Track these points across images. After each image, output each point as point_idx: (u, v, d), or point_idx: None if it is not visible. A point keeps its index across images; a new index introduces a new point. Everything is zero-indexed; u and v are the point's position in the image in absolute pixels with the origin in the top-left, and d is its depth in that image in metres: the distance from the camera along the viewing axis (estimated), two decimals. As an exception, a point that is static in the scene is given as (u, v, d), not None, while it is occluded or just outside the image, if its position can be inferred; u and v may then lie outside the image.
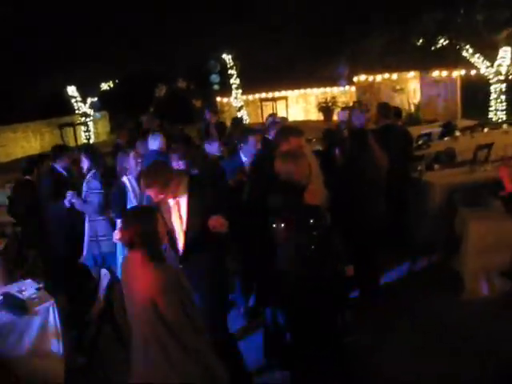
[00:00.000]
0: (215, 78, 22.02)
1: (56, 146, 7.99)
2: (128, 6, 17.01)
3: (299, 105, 23.39)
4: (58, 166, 7.45)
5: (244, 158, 6.49)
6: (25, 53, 17.35)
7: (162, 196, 4.40)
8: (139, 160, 6.40)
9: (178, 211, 4.56)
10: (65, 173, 7.46)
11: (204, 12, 17.24)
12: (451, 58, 17.52)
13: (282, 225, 4.34)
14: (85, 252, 6.80)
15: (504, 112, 17.40)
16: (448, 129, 12.19)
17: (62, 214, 7.03)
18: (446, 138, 11.60)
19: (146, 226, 3.64)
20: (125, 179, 6.29)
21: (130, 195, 6.18)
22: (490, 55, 17.02)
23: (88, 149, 7.53)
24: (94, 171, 6.94)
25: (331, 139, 7.44)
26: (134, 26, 17.41)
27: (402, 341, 5.63)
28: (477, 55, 17.13)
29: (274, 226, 4.43)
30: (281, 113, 22.58)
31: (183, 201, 4.54)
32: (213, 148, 7.67)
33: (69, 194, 6.75)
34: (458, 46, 17.17)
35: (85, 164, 7.11)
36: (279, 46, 19.65)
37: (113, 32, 17.36)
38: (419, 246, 7.77)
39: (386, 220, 6.86)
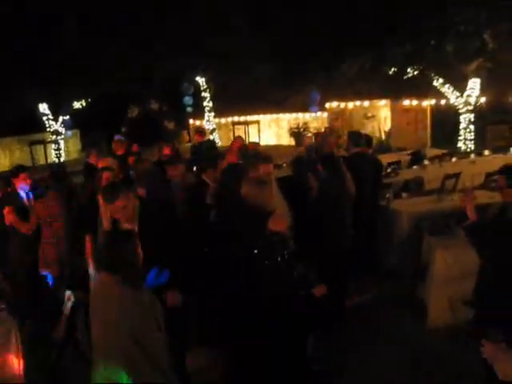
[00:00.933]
0: (188, 100, 22.09)
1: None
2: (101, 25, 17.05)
3: (271, 129, 23.52)
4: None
5: None
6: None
7: None
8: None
9: None
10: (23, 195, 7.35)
11: (179, 33, 17.32)
12: (422, 88, 17.84)
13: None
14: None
15: (472, 141, 17.72)
16: (417, 157, 12.39)
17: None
18: (414, 167, 11.75)
19: (124, 251, 3.62)
20: None
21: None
22: (460, 86, 17.36)
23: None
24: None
25: (300, 165, 7.49)
26: (108, 48, 17.43)
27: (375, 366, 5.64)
28: (447, 85, 17.46)
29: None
30: (253, 137, 22.74)
31: None
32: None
33: None
34: (428, 76, 17.48)
35: None
36: (252, 71, 19.80)
37: (87, 50, 17.34)
38: (387, 273, 7.85)
39: (354, 244, 6.98)
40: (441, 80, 17.44)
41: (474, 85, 17.32)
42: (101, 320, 3.58)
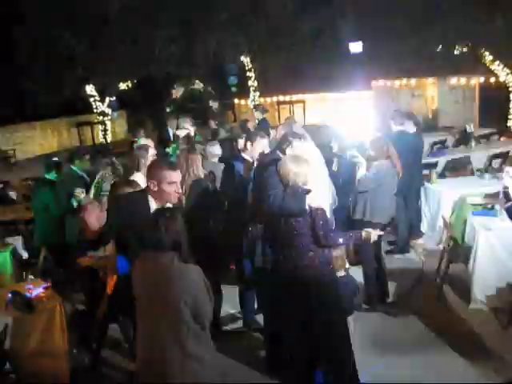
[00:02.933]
0: (233, 80, 22.00)
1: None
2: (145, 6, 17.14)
3: (317, 109, 23.31)
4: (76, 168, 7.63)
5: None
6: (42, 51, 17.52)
7: None
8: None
9: None
10: (84, 175, 7.59)
11: (223, 12, 17.27)
12: (470, 65, 17.37)
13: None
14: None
15: (523, 120, 17.23)
16: (464, 136, 12.14)
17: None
18: (461, 146, 11.55)
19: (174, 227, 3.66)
20: None
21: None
22: (511, 62, 16.83)
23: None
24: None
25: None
26: (153, 29, 17.52)
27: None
28: (496, 62, 16.96)
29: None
30: (298, 116, 22.58)
31: None
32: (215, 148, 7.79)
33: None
34: (477, 53, 17.01)
35: None
36: (294, 50, 19.64)
37: (132, 34, 17.48)
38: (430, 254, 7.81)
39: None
40: (490, 57, 16.95)
41: (526, 61, 16.79)
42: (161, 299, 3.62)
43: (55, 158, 9.35)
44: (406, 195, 7.77)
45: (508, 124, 17.31)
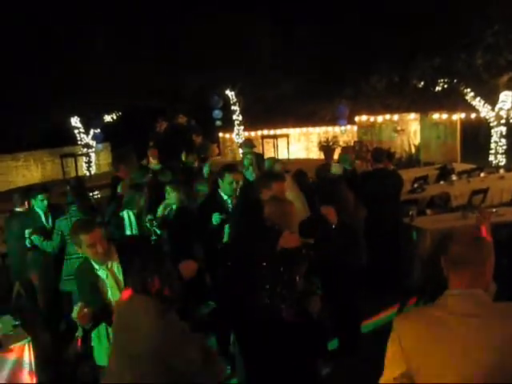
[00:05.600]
0: (218, 113, 22.13)
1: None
2: (131, 40, 17.30)
3: (301, 143, 23.43)
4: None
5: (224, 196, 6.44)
6: (28, 82, 17.52)
7: None
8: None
9: None
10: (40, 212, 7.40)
11: (206, 49, 17.48)
12: (452, 101, 17.60)
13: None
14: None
15: (504, 155, 17.38)
16: (444, 172, 12.22)
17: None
18: (441, 182, 11.59)
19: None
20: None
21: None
22: (491, 99, 17.07)
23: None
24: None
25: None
26: (138, 61, 17.65)
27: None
28: (477, 99, 17.19)
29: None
30: (282, 150, 22.69)
31: None
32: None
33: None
34: (458, 90, 17.23)
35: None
36: (279, 84, 19.83)
37: (117, 66, 17.57)
38: (409, 292, 7.71)
39: (376, 263, 6.85)
40: (471, 93, 17.18)
41: (506, 98, 17.01)
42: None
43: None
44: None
45: (490, 159, 17.47)
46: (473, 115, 17.74)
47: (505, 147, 17.42)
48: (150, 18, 17.83)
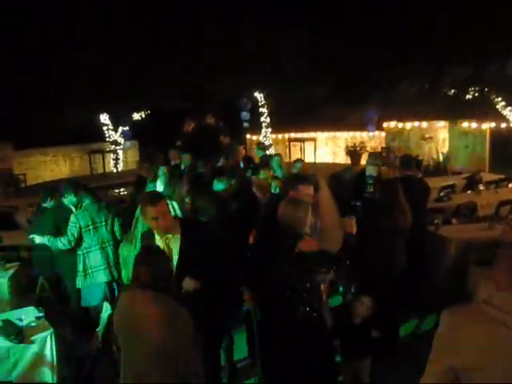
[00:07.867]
0: (246, 115, 22.18)
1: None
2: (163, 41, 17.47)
3: (328, 147, 23.34)
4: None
5: None
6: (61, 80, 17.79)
7: None
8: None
9: None
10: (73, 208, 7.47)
11: (235, 50, 17.59)
12: (482, 110, 17.42)
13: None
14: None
15: (533, 167, 17.14)
16: (472, 182, 12.07)
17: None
18: (468, 192, 11.46)
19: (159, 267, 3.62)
20: None
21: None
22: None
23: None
24: None
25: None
26: (171, 62, 17.82)
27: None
28: (508, 108, 16.99)
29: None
30: (309, 154, 22.61)
31: None
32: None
33: None
34: (489, 98, 17.06)
35: None
36: (308, 88, 19.82)
37: (149, 67, 17.76)
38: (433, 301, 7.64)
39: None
40: (502, 102, 16.98)
41: (537, 108, 16.83)
42: (135, 338, 3.56)
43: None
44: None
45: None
46: (503, 125, 17.51)
47: (534, 159, 17.19)
48: (180, 19, 17.94)
